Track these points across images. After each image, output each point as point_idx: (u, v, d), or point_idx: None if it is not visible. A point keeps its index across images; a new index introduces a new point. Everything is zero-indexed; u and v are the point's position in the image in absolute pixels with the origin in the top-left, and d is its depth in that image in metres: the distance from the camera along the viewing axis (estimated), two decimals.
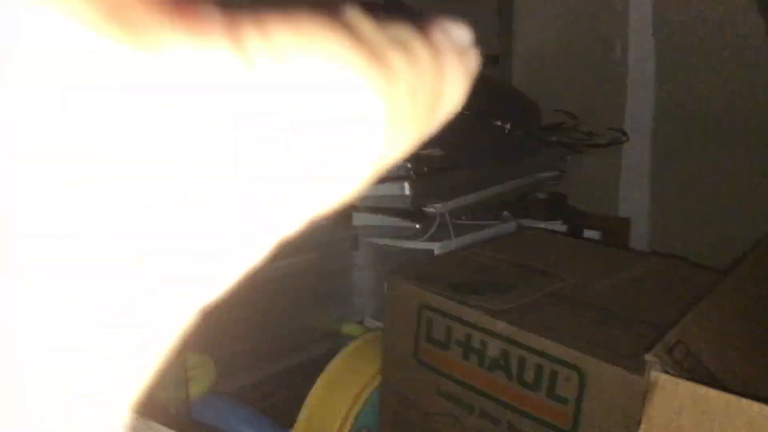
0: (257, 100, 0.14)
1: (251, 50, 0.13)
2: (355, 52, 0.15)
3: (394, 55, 0.16)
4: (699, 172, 1.80)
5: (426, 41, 0.18)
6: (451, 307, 1.15)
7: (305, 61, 0.14)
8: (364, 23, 0.16)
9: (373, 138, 0.16)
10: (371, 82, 0.15)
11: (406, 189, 1.51)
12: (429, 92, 0.18)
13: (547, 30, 2.01)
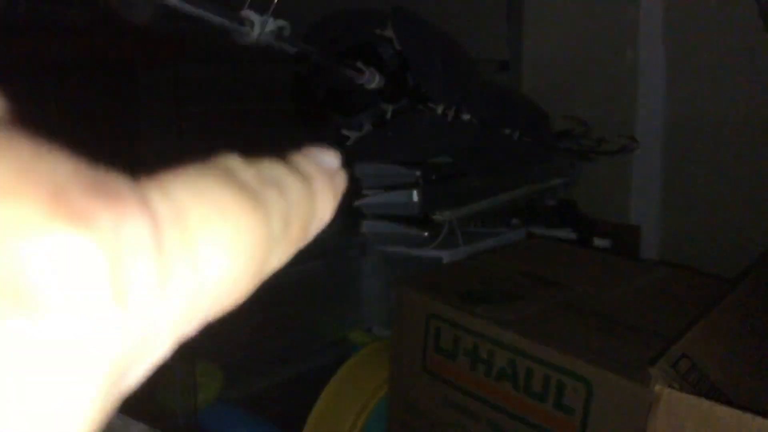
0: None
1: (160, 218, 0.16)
2: (237, 199, 0.18)
3: (268, 194, 0.19)
4: (710, 180, 1.79)
5: (297, 173, 0.21)
6: (459, 317, 1.15)
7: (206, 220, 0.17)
8: (242, 169, 0.19)
9: (254, 257, 0.18)
10: (250, 218, 0.18)
11: (414, 196, 1.51)
12: (301, 217, 0.21)
13: (557, 36, 2.01)
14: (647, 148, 1.86)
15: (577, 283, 1.26)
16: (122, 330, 0.14)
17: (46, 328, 0.12)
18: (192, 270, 0.16)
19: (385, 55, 1.36)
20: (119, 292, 0.14)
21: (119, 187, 0.15)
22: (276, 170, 0.20)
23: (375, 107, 1.39)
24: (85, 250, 0.13)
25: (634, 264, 1.44)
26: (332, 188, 0.23)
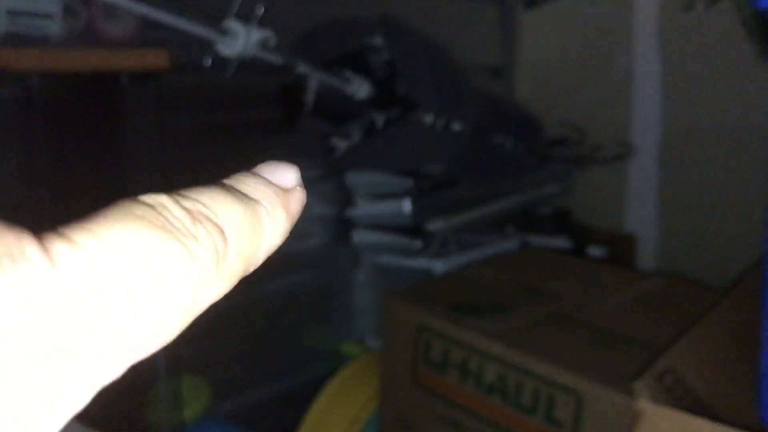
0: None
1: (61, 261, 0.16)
2: (161, 236, 0.18)
3: (198, 230, 0.19)
4: (707, 186, 1.78)
5: (238, 199, 0.21)
6: (449, 329, 1.14)
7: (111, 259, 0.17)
8: (170, 206, 0.19)
9: (180, 296, 0.18)
10: (174, 256, 0.18)
11: (406, 206, 1.50)
12: (240, 247, 0.20)
13: (551, 43, 2.00)
14: (643, 155, 1.85)
15: (569, 294, 1.25)
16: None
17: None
18: (105, 320, 0.16)
19: (375, 64, 1.35)
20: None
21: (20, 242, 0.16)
22: (211, 200, 0.20)
23: (365, 116, 1.38)
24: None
25: (626, 274, 1.43)
26: (283, 210, 0.22)
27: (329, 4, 1.53)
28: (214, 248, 0.19)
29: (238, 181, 0.22)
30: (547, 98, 2.00)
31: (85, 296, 0.16)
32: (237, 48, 1.04)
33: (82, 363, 0.16)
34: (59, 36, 0.99)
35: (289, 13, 1.40)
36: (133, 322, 0.17)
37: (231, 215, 0.20)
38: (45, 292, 0.15)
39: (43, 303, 0.15)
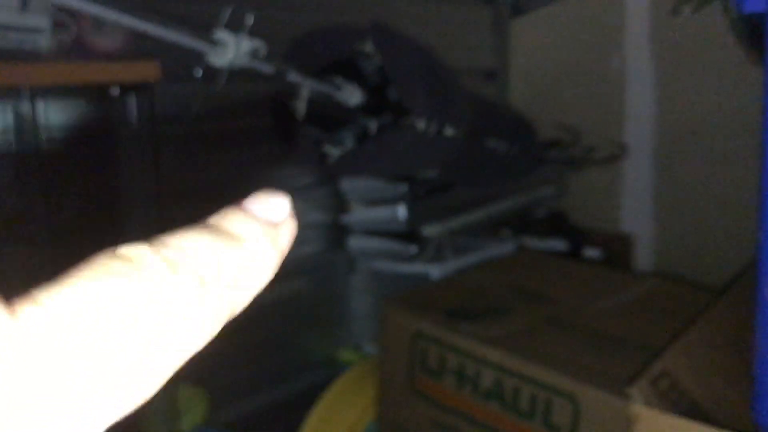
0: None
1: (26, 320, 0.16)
2: (136, 290, 0.18)
3: (177, 280, 0.19)
4: (702, 185, 1.78)
5: (223, 240, 0.21)
6: (445, 335, 1.14)
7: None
8: (148, 257, 0.19)
9: (158, 347, 0.18)
10: (150, 309, 0.18)
11: (402, 211, 1.50)
12: (224, 290, 0.20)
13: (544, 45, 2.00)
14: (637, 155, 1.85)
15: (565, 296, 1.25)
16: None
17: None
18: (66, 375, 0.16)
19: (367, 70, 1.35)
20: None
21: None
22: (194, 247, 0.20)
23: (357, 122, 1.37)
24: None
25: (622, 276, 1.42)
26: (271, 247, 0.22)
27: (321, 11, 1.53)
28: (195, 297, 0.19)
29: (224, 218, 0.22)
30: (541, 100, 2.00)
31: (45, 350, 0.16)
32: (227, 58, 1.03)
33: (41, 417, 0.16)
34: (49, 50, 0.99)
35: (280, 19, 1.40)
36: (99, 377, 0.17)
37: (213, 261, 0.20)
38: (3, 341, 0.16)
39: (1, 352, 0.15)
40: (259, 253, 0.22)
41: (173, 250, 0.19)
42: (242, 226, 0.22)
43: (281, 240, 0.23)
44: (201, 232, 0.21)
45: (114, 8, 0.90)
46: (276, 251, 0.22)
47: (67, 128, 1.19)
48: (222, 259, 0.20)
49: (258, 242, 0.22)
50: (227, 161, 1.40)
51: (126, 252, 0.19)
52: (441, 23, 1.87)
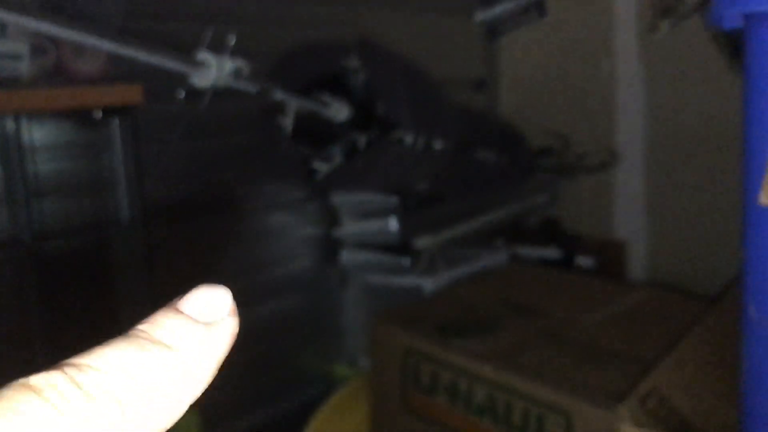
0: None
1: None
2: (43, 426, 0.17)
3: (92, 407, 0.18)
4: (693, 190, 1.77)
5: (154, 351, 0.20)
6: (437, 351, 1.13)
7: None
8: (60, 388, 0.18)
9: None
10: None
11: (393, 224, 1.49)
12: (153, 404, 0.19)
13: (532, 54, 1.99)
14: (629, 162, 1.85)
15: (557, 309, 1.24)
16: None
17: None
18: None
19: (353, 85, 1.35)
20: None
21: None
22: (113, 367, 0.19)
23: (346, 137, 1.37)
24: None
25: (613, 286, 1.42)
26: (206, 350, 0.21)
27: (309, 26, 1.53)
28: (114, 427, 0.18)
29: (154, 325, 0.20)
30: (531, 109, 2.00)
31: None
32: (210, 79, 1.03)
33: None
34: (30, 75, 0.98)
35: (265, 36, 1.40)
36: None
37: (137, 379, 0.19)
38: None
39: None
40: (192, 360, 0.20)
41: (89, 374, 0.18)
42: (173, 331, 0.20)
43: (218, 342, 0.21)
44: (125, 344, 0.19)
45: (93, 33, 0.89)
46: (212, 355, 0.21)
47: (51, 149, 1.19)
48: (147, 375, 0.19)
49: (191, 348, 0.20)
50: (217, 179, 1.39)
51: (36, 382, 0.17)
52: (429, 34, 1.87)
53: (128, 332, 0.20)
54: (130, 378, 0.19)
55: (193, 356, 0.20)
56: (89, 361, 0.19)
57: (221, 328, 0.22)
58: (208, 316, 0.21)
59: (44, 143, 1.17)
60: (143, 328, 0.20)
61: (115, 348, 0.19)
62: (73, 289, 1.22)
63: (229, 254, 1.43)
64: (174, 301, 0.22)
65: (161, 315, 0.21)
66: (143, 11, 1.20)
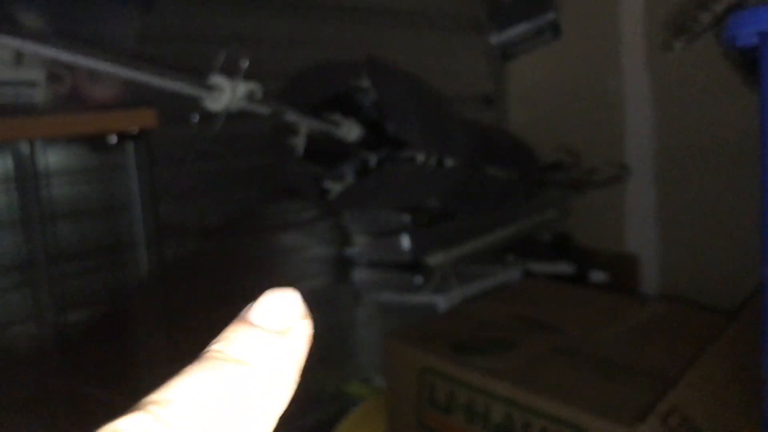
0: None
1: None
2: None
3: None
4: (705, 203, 1.77)
5: (230, 375, 0.19)
6: (453, 370, 1.13)
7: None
8: (138, 429, 0.17)
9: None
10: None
11: (405, 242, 1.49)
12: (237, 425, 0.19)
13: (540, 69, 2.00)
14: (639, 175, 1.84)
15: (572, 325, 1.24)
16: None
17: None
18: None
19: (364, 104, 1.35)
20: None
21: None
22: (192, 392, 0.18)
23: (357, 157, 1.38)
24: None
25: (628, 301, 1.41)
26: (285, 357, 0.20)
27: (320, 46, 1.54)
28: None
29: (228, 343, 0.20)
30: (540, 124, 2.00)
31: None
32: (223, 102, 1.04)
33: None
34: (45, 102, 0.99)
35: (276, 57, 1.41)
36: None
37: (219, 404, 0.18)
38: None
39: None
40: (272, 372, 0.20)
41: (173, 409, 0.18)
42: (249, 346, 0.20)
43: (296, 348, 0.21)
44: (203, 369, 0.19)
45: (108, 59, 0.90)
46: (292, 363, 0.20)
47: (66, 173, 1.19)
48: (230, 397, 0.19)
49: (269, 361, 0.20)
50: (230, 200, 1.40)
51: (124, 427, 0.17)
52: (439, 51, 1.88)
53: (203, 354, 0.19)
54: (215, 403, 0.18)
55: (273, 368, 0.20)
56: (171, 396, 0.18)
57: (296, 333, 0.21)
58: (281, 324, 0.21)
59: (59, 167, 1.18)
60: (218, 348, 0.20)
61: (193, 376, 0.19)
62: (88, 310, 1.22)
63: (243, 274, 1.43)
64: (243, 312, 0.21)
65: (233, 331, 0.20)
66: (156, 36, 1.22)
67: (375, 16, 1.68)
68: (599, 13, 1.87)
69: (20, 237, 1.16)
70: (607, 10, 1.85)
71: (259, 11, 1.44)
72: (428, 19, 1.84)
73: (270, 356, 0.20)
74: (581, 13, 1.83)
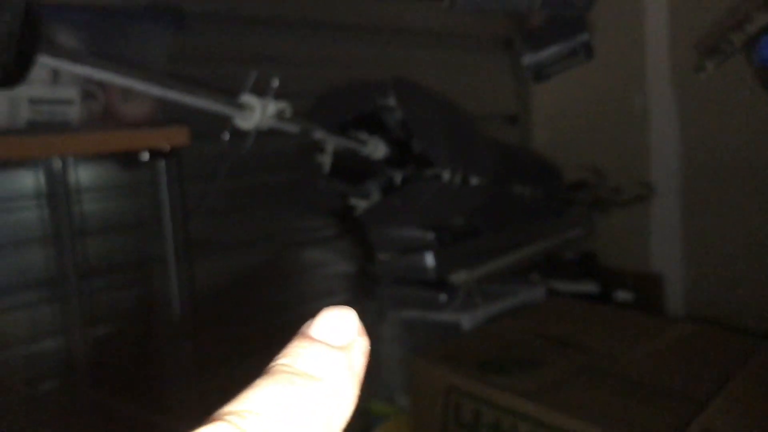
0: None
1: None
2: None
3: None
4: (732, 222, 1.75)
5: (301, 386, 0.20)
6: (479, 389, 1.13)
7: None
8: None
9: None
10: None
11: (430, 259, 1.50)
12: (320, 424, 0.20)
13: (564, 88, 2.00)
14: (665, 194, 1.84)
15: (598, 344, 1.23)
16: None
17: None
18: None
19: (390, 123, 1.36)
20: None
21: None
22: (270, 401, 0.19)
23: (382, 174, 1.39)
24: None
25: (655, 321, 1.40)
26: (348, 371, 0.21)
27: (349, 64, 1.56)
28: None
29: (295, 357, 0.21)
30: (565, 142, 2.00)
31: None
32: (254, 121, 1.05)
33: None
34: (80, 119, 1.01)
35: (305, 76, 1.43)
36: None
37: (292, 415, 0.19)
38: None
39: None
40: (337, 385, 0.21)
41: (251, 419, 0.19)
42: (315, 361, 0.21)
43: (356, 362, 0.22)
44: (274, 382, 0.20)
45: (141, 78, 0.92)
46: (354, 376, 0.21)
47: (97, 189, 1.21)
48: (302, 409, 0.20)
49: (335, 374, 0.21)
50: (258, 216, 1.41)
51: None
52: (463, 70, 1.89)
53: (270, 368, 0.20)
54: (288, 415, 0.19)
55: (338, 381, 0.21)
56: (247, 406, 0.19)
57: (356, 348, 0.22)
58: (341, 339, 0.22)
59: (90, 183, 1.20)
60: (285, 362, 0.21)
61: (266, 388, 0.20)
62: (117, 325, 1.23)
63: (269, 288, 1.44)
64: (304, 328, 0.22)
65: (298, 346, 0.21)
66: (188, 56, 1.24)
67: (402, 36, 1.70)
68: (624, 32, 1.87)
69: (51, 252, 1.18)
70: (633, 29, 1.85)
71: (289, 32, 1.46)
72: (454, 39, 1.85)
73: (334, 371, 0.21)
74: (607, 33, 1.83)
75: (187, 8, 1.18)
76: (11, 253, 1.15)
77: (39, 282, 1.17)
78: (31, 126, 0.96)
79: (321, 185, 1.37)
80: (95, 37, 1.03)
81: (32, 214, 1.16)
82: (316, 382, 0.20)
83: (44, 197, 1.16)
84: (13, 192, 1.14)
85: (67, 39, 0.98)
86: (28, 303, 1.16)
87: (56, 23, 0.97)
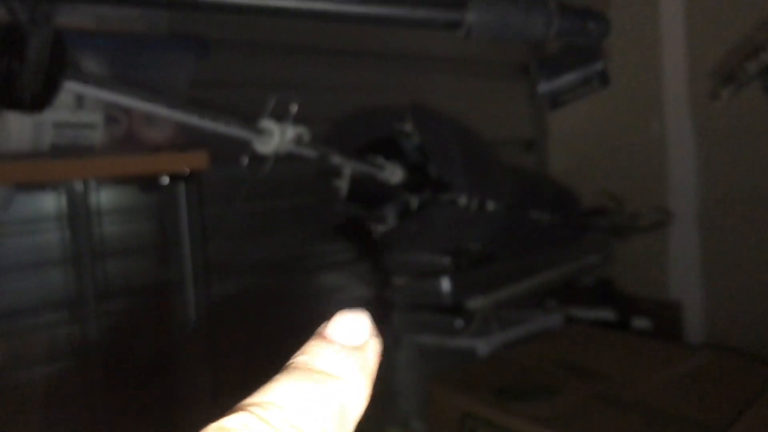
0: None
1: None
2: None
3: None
4: (751, 249, 1.74)
5: (320, 382, 0.21)
6: (495, 416, 1.12)
7: None
8: (252, 426, 0.19)
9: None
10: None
11: (446, 284, 1.49)
12: (327, 428, 0.21)
13: (582, 114, 2.01)
14: (683, 221, 1.83)
15: (616, 371, 1.22)
16: None
17: None
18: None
19: (407, 148, 1.37)
20: None
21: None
22: (288, 401, 0.20)
23: (399, 199, 1.39)
24: None
25: (673, 348, 1.39)
26: (361, 371, 0.22)
27: (367, 89, 1.57)
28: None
29: (313, 356, 0.22)
30: (581, 168, 2.00)
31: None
32: (272, 146, 1.06)
33: None
34: (102, 143, 1.03)
35: (326, 101, 1.44)
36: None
37: (312, 409, 0.21)
38: None
39: None
40: (353, 383, 0.22)
41: (273, 410, 0.20)
42: (332, 359, 0.22)
43: (370, 362, 0.23)
44: (294, 378, 0.21)
45: (164, 104, 0.93)
46: (367, 375, 0.23)
47: (117, 212, 1.23)
48: (320, 404, 0.21)
49: (350, 373, 0.22)
50: (275, 240, 1.42)
51: (230, 425, 0.19)
52: (480, 96, 1.90)
53: (289, 365, 0.22)
54: (308, 408, 0.21)
55: (354, 380, 0.22)
56: (269, 398, 0.21)
57: (369, 349, 0.23)
58: (356, 340, 0.23)
59: (111, 206, 1.22)
60: (303, 360, 0.22)
61: (286, 383, 0.21)
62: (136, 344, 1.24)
63: (285, 313, 1.45)
64: (320, 329, 0.23)
65: (315, 345, 0.23)
66: (209, 81, 1.26)
67: (419, 62, 1.72)
68: (642, 59, 1.88)
69: (71, 274, 1.19)
70: (650, 56, 1.86)
71: (308, 59, 1.48)
72: (471, 65, 1.86)
73: (349, 369, 0.22)
74: (624, 59, 1.84)
75: (209, 35, 1.20)
76: (32, 274, 1.16)
77: (59, 303, 1.19)
78: (54, 149, 0.98)
79: (338, 209, 1.38)
80: (121, 63, 1.05)
81: (53, 236, 1.18)
82: (333, 380, 0.22)
83: (65, 219, 1.18)
84: (35, 214, 1.16)
85: (93, 65, 1.00)
86: (47, 324, 1.17)
87: (82, 49, 0.99)
